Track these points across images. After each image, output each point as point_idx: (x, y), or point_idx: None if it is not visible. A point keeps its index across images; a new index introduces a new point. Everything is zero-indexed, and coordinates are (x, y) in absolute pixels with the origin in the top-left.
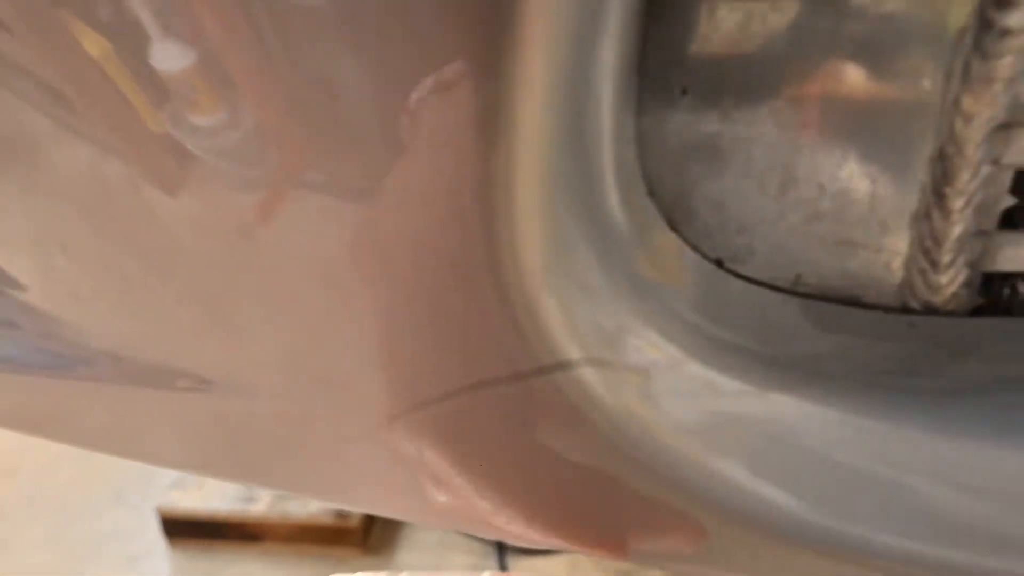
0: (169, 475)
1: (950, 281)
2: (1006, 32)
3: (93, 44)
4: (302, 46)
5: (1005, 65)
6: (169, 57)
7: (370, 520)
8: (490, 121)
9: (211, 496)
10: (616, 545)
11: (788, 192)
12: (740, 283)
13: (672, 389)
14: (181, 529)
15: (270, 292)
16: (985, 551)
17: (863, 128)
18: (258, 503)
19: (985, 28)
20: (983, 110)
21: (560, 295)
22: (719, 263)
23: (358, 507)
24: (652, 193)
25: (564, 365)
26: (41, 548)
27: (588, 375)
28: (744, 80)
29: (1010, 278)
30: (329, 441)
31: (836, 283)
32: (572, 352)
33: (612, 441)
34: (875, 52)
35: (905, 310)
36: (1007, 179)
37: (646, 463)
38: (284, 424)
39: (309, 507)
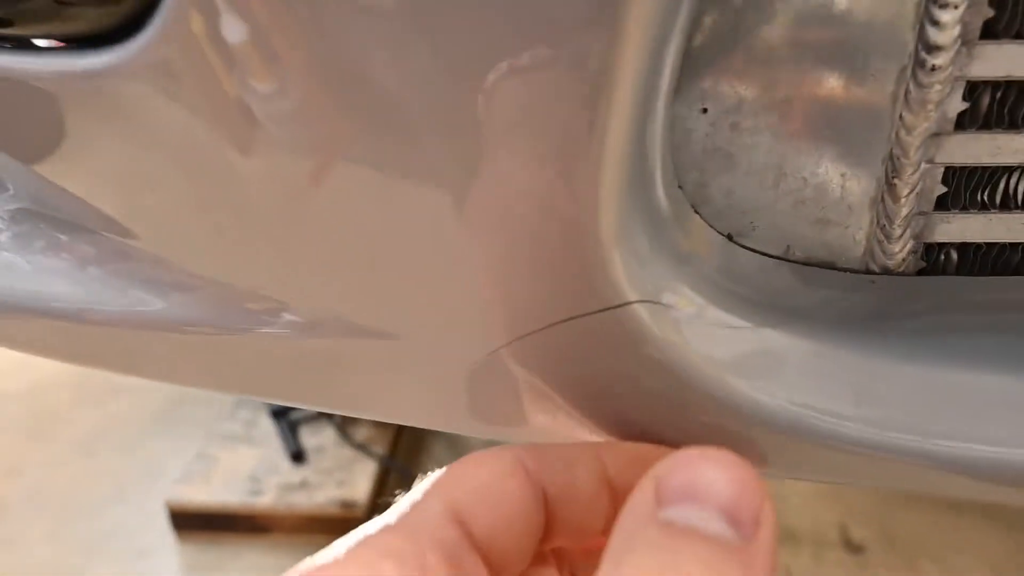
0: (174, 470)
1: (900, 249)
2: (934, 68)
3: (194, 19)
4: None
5: (934, 92)
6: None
7: (375, 509)
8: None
9: (218, 489)
10: (653, 438)
11: (780, 184)
12: (745, 252)
13: (697, 325)
14: (189, 522)
15: (384, 244)
16: (922, 437)
17: (835, 137)
18: (265, 495)
19: (919, 65)
20: (920, 123)
21: (624, 258)
22: (729, 237)
23: (440, 426)
24: (680, 186)
25: (626, 304)
26: (45, 545)
27: (642, 311)
28: (748, 102)
29: (944, 247)
30: (432, 370)
31: (817, 251)
32: (632, 295)
33: (655, 359)
34: (844, 83)
35: (868, 271)
36: (939, 173)
37: (679, 376)
38: (390, 357)
39: (315, 498)
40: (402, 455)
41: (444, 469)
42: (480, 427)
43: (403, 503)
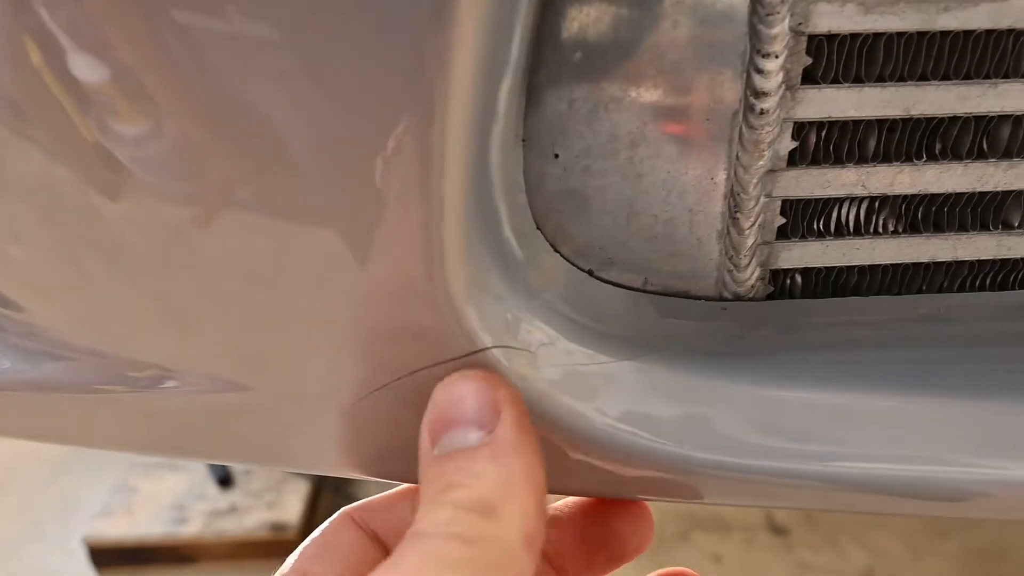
0: (93, 504)
1: (748, 277)
2: (762, 112)
3: (32, 51)
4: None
5: (765, 133)
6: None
7: (307, 530)
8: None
9: (140, 521)
10: None
11: (632, 222)
12: (606, 286)
13: (550, 358)
14: (110, 558)
15: (235, 293)
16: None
17: (679, 176)
18: (191, 524)
19: (750, 110)
20: (755, 162)
21: (478, 304)
22: (590, 272)
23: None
24: (539, 226)
25: (482, 350)
26: None
27: (497, 354)
28: (596, 147)
29: (789, 272)
30: (306, 419)
31: (672, 282)
32: (488, 341)
33: None
34: (683, 128)
35: (720, 299)
36: (778, 206)
37: (533, 408)
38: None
39: (245, 523)
40: None
41: None
42: (360, 471)
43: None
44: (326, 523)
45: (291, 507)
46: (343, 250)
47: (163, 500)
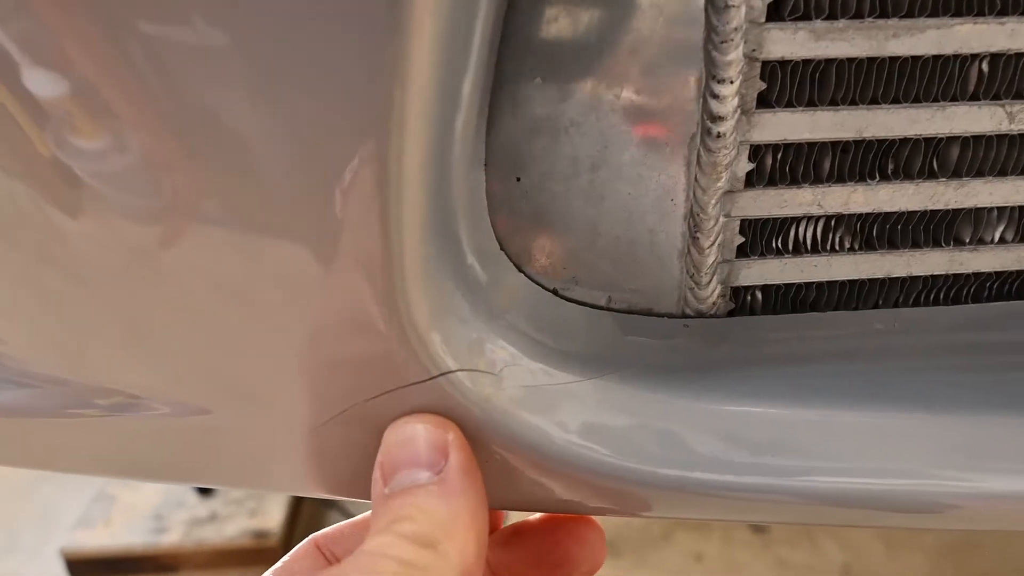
0: (70, 514)
1: (710, 295)
2: (719, 136)
3: None
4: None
5: (722, 155)
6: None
7: (290, 537)
8: (383, 199)
9: (118, 531)
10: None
11: (596, 243)
12: (571, 305)
13: (513, 378)
14: (88, 569)
15: (197, 316)
16: (722, 471)
17: (639, 199)
18: (171, 533)
19: (707, 133)
20: (713, 184)
21: (442, 329)
22: (555, 292)
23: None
24: (503, 248)
25: (446, 373)
26: None
27: (462, 377)
28: (558, 170)
29: (749, 289)
30: (274, 440)
31: (635, 300)
32: (451, 364)
33: (476, 416)
34: (642, 151)
35: (683, 316)
36: (736, 225)
37: (496, 427)
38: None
39: (225, 531)
40: None
41: None
42: (330, 492)
43: None
44: (292, 551)
45: (273, 514)
46: (303, 274)
47: (142, 509)
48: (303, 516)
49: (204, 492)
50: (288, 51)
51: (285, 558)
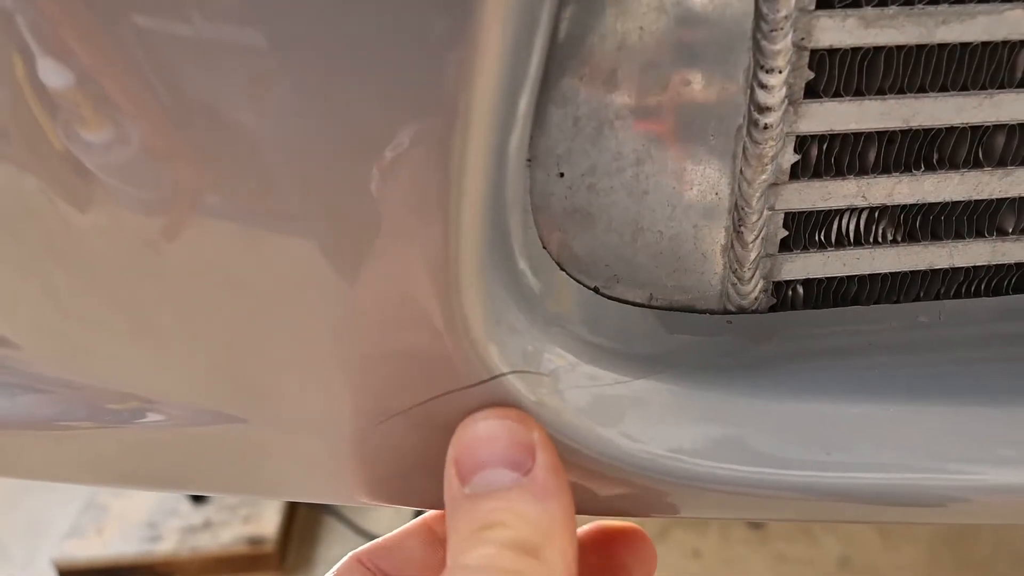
0: (61, 524)
1: (752, 290)
2: (766, 127)
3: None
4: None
5: (768, 147)
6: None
7: (285, 543)
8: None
9: (111, 541)
10: None
11: (638, 239)
12: (612, 303)
13: (570, 384)
14: None
15: (240, 320)
16: (773, 466)
17: (684, 192)
18: (165, 541)
19: (753, 125)
20: (758, 176)
21: (496, 337)
22: (596, 290)
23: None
24: (544, 246)
25: (497, 376)
26: None
27: (515, 380)
28: (600, 165)
29: (791, 283)
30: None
31: (677, 297)
32: (504, 368)
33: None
34: (687, 145)
35: (725, 312)
36: (780, 219)
37: (556, 437)
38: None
39: (221, 538)
40: None
41: None
42: (371, 499)
43: None
44: (333, 568)
45: (268, 520)
46: (352, 275)
47: (135, 518)
48: (298, 522)
49: (198, 499)
50: (357, 56)
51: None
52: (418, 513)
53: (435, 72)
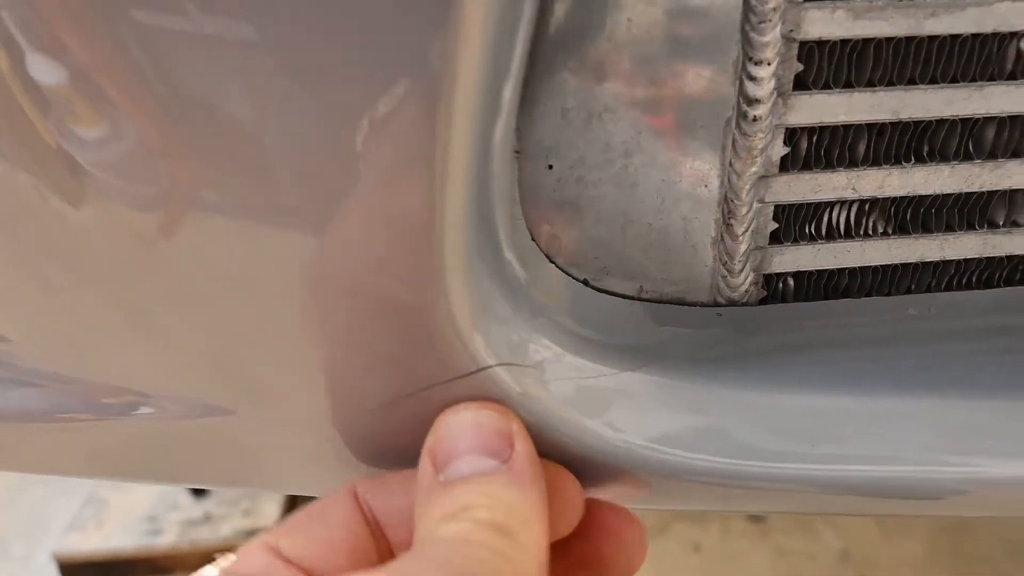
0: (61, 518)
1: (742, 282)
2: (755, 119)
3: None
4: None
5: (757, 139)
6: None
7: None
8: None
9: (112, 534)
10: None
11: (627, 231)
12: (601, 295)
13: (556, 375)
14: (83, 573)
15: (229, 313)
16: (756, 458)
17: (674, 184)
18: (165, 534)
19: (742, 117)
20: (747, 168)
21: (481, 327)
22: (585, 282)
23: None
24: (533, 238)
25: (484, 368)
26: None
27: (501, 372)
28: (588, 157)
29: (781, 276)
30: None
31: (667, 290)
32: (490, 360)
33: (518, 414)
34: (676, 137)
35: (715, 304)
36: (770, 211)
37: (542, 427)
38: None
39: (221, 531)
40: None
41: None
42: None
43: None
44: (327, 493)
45: (268, 513)
46: (340, 267)
47: (135, 511)
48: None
49: (198, 493)
50: (341, 46)
51: (315, 502)
52: None
53: (418, 60)
